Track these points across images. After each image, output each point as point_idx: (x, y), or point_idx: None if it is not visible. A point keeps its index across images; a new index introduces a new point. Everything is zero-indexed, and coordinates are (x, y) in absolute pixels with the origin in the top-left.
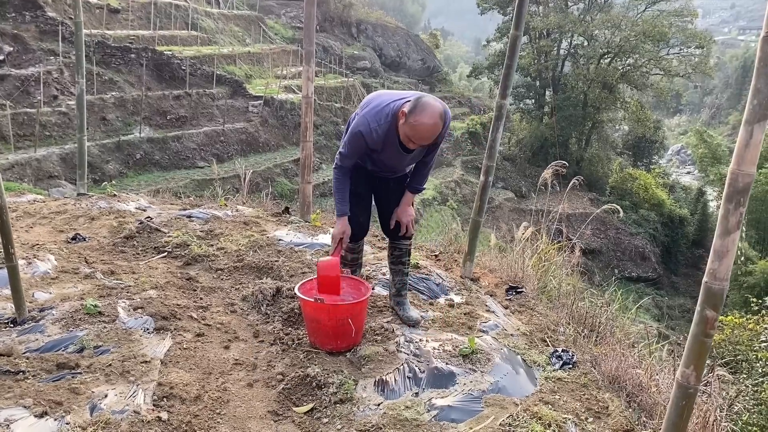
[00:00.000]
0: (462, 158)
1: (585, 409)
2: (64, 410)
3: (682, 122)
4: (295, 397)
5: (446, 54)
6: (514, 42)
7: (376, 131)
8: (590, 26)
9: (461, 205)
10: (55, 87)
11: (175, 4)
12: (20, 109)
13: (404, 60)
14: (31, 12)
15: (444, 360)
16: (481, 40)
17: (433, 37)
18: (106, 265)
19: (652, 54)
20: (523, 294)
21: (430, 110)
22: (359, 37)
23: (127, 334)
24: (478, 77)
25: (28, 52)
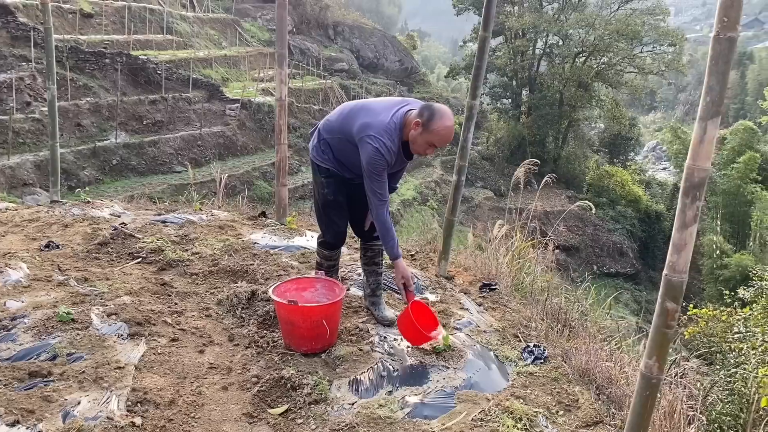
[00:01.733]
0: (441, 158)
1: (556, 403)
2: (36, 418)
3: (657, 119)
4: (270, 399)
5: (424, 55)
6: (482, 43)
7: (391, 149)
8: (565, 25)
9: (441, 205)
10: (27, 93)
11: (150, 8)
12: None
13: (382, 61)
14: (2, 18)
15: (418, 358)
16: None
17: (410, 38)
18: (79, 272)
19: (625, 52)
20: (496, 291)
21: (447, 114)
22: (336, 38)
23: (101, 341)
24: (456, 78)
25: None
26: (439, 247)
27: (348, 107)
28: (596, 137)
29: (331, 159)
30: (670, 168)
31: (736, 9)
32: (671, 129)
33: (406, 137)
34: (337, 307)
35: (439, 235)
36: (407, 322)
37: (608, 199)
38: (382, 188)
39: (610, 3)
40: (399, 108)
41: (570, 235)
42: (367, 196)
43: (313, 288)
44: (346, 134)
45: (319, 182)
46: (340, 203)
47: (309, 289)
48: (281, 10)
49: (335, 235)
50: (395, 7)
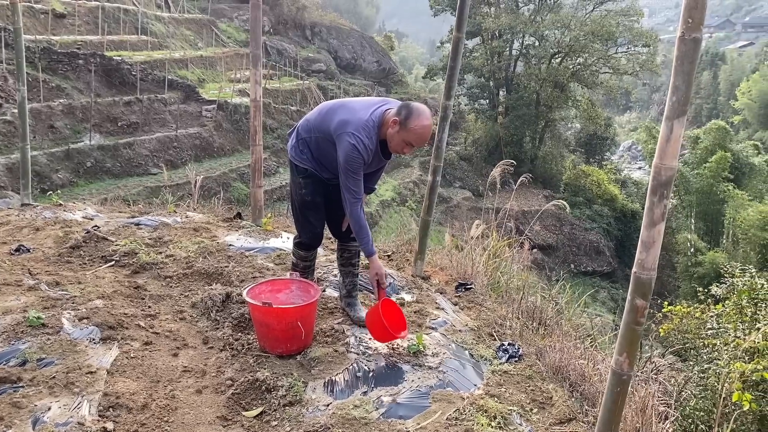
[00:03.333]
0: (420, 159)
1: (530, 400)
2: (5, 425)
3: (633, 119)
4: (244, 401)
5: (402, 56)
6: (456, 44)
7: (368, 147)
8: (541, 26)
9: (420, 206)
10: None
11: (124, 9)
12: None
13: (359, 62)
14: None
15: (393, 358)
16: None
17: (388, 39)
18: (51, 276)
19: (601, 53)
20: (472, 290)
21: (425, 112)
22: (314, 39)
23: (72, 345)
24: (434, 78)
25: None
26: (415, 248)
27: (327, 106)
28: (572, 137)
29: (309, 159)
30: (646, 167)
31: (700, 10)
32: (646, 128)
33: (383, 136)
34: (312, 309)
35: (415, 235)
36: (375, 318)
37: (585, 198)
38: (357, 186)
39: (585, 4)
40: (378, 107)
41: (547, 234)
42: (342, 194)
43: (288, 290)
44: (325, 132)
45: (297, 182)
46: (318, 204)
47: (284, 290)
48: (255, 10)
49: (312, 236)
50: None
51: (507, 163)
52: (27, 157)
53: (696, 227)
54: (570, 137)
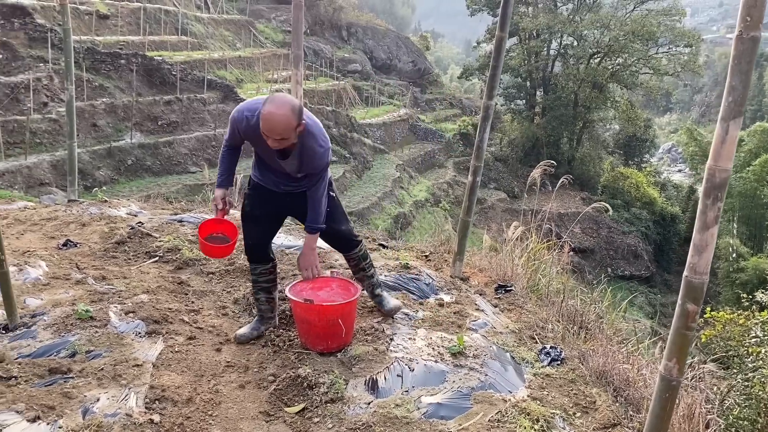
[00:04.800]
0: (454, 159)
1: (573, 404)
2: (56, 414)
3: (673, 120)
4: (286, 397)
5: (437, 56)
6: (499, 44)
7: (247, 119)
8: (579, 26)
9: (454, 206)
10: (44, 94)
11: (165, 10)
12: (10, 116)
13: (395, 62)
14: (20, 19)
15: (434, 358)
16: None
17: (424, 39)
18: (97, 271)
19: (641, 53)
20: (512, 292)
21: (279, 101)
22: (350, 40)
23: (119, 339)
24: (469, 78)
25: (17, 60)
26: (453, 248)
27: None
28: (611, 139)
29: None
30: (686, 170)
31: (760, 8)
32: (687, 131)
33: None
34: (352, 307)
35: (452, 236)
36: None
37: (623, 201)
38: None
39: (626, 4)
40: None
41: (584, 237)
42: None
43: (329, 287)
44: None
45: (244, 193)
46: (256, 217)
47: (324, 288)
48: (297, 11)
49: (247, 248)
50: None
51: (547, 163)
52: (74, 155)
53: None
54: (608, 139)
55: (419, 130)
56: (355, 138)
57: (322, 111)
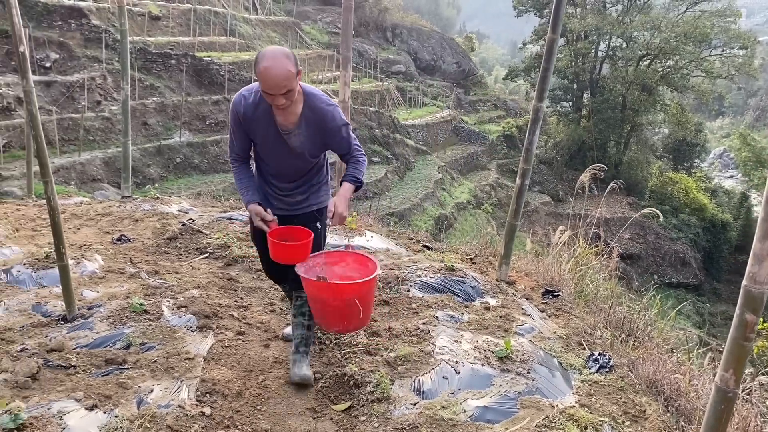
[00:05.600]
0: (497, 161)
1: (622, 413)
2: (112, 403)
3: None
4: (332, 395)
5: (482, 57)
6: (551, 45)
7: (245, 98)
8: (629, 28)
9: (496, 209)
10: (98, 93)
11: (214, 11)
12: (65, 114)
13: (439, 63)
14: (77, 20)
15: (480, 361)
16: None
17: (469, 40)
18: (150, 266)
19: (693, 55)
20: (559, 298)
21: (270, 53)
22: (394, 41)
23: (172, 332)
24: (514, 80)
25: (73, 59)
26: (498, 251)
27: None
28: (660, 143)
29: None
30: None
31: None
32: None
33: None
34: (370, 286)
35: (494, 239)
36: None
37: (671, 207)
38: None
39: (678, 4)
40: None
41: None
42: None
43: (344, 262)
44: None
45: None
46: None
47: (339, 263)
48: (347, 13)
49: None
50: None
51: (597, 167)
52: (128, 152)
53: None
54: (657, 143)
55: (462, 131)
56: (398, 139)
57: (366, 112)
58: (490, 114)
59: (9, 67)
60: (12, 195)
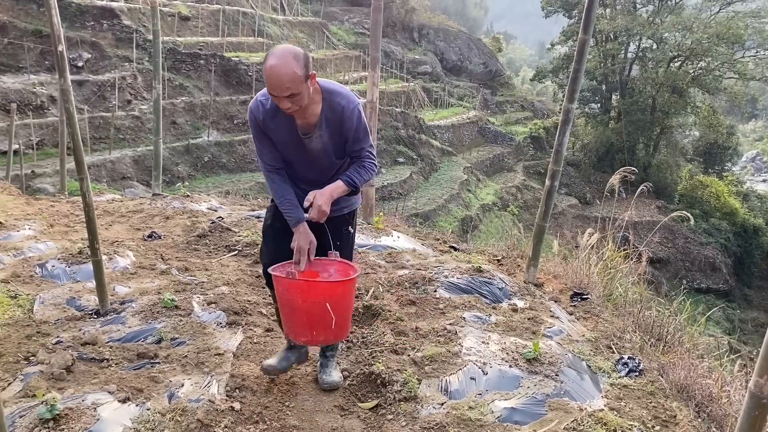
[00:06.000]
0: (524, 163)
1: (652, 417)
2: (144, 397)
3: (758, 128)
4: (360, 393)
5: (509, 57)
6: (582, 46)
7: (261, 104)
8: (660, 29)
9: (522, 211)
10: (129, 92)
11: (243, 12)
12: (96, 113)
13: (466, 64)
14: (108, 21)
15: (508, 363)
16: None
17: (496, 40)
18: (180, 262)
19: (726, 57)
20: (588, 300)
21: (278, 52)
22: (421, 41)
23: (202, 328)
24: (542, 81)
25: (105, 59)
26: (526, 253)
27: None
28: (690, 145)
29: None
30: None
31: None
32: None
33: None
34: (345, 290)
35: (520, 241)
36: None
37: (701, 211)
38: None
39: (710, 5)
40: None
41: (659, 247)
42: None
43: (326, 272)
44: None
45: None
46: (276, 231)
47: (323, 273)
48: (376, 14)
49: (264, 268)
50: (481, 9)
51: (627, 170)
52: (159, 150)
53: None
54: (687, 145)
55: (488, 132)
56: (423, 139)
57: (391, 112)
58: (516, 115)
59: (43, 66)
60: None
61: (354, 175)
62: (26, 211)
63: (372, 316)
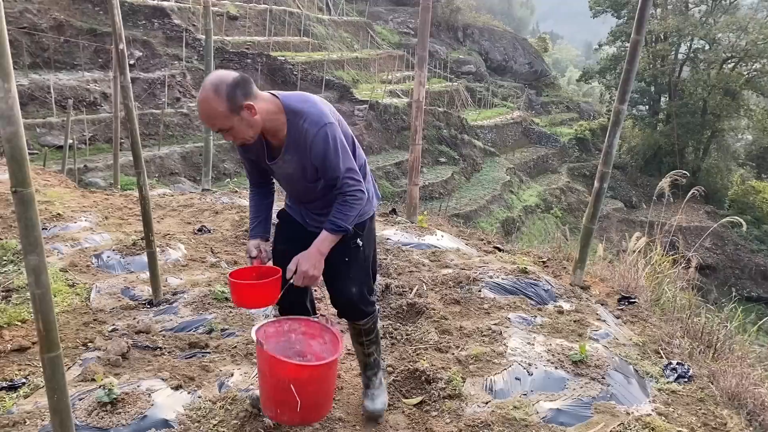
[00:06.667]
0: (569, 165)
1: (701, 424)
2: (196, 385)
3: None
4: (404, 389)
5: (555, 58)
6: (634, 46)
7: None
8: (713, 29)
9: (566, 214)
10: (177, 90)
11: (289, 12)
12: (147, 110)
13: (510, 64)
14: (159, 20)
15: (553, 364)
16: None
17: (542, 40)
18: (229, 256)
19: None
20: (635, 305)
21: (207, 80)
22: (465, 41)
23: (250, 320)
24: (588, 82)
25: (155, 57)
26: (571, 256)
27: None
28: (742, 149)
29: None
30: None
31: None
32: None
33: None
34: (316, 375)
35: (566, 244)
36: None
37: (753, 217)
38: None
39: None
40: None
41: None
42: None
43: (321, 339)
44: None
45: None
46: (281, 254)
47: (317, 338)
48: (425, 13)
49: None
50: (527, 9)
51: (678, 173)
52: (209, 147)
53: None
54: (739, 149)
55: (533, 133)
56: (466, 140)
57: (434, 112)
58: (562, 116)
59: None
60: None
61: (338, 217)
62: (82, 204)
63: (416, 314)
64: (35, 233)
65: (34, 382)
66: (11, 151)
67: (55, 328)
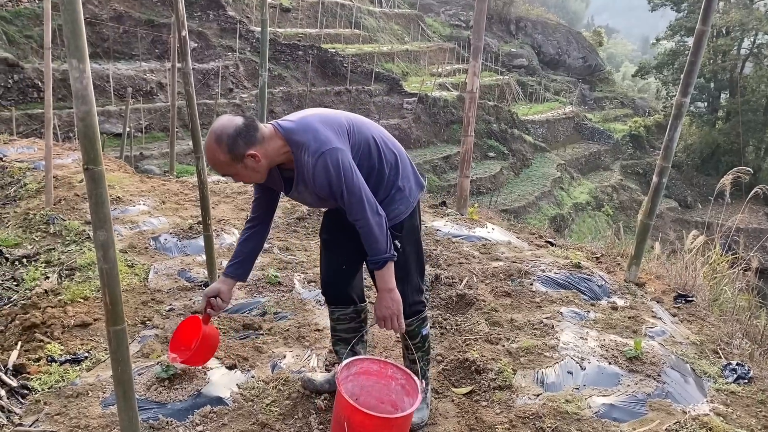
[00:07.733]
0: (621, 162)
1: (762, 427)
2: (249, 365)
3: None
4: (453, 378)
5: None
6: (700, 38)
7: None
8: None
9: (617, 212)
10: (231, 80)
11: (341, 4)
12: (200, 100)
13: (564, 58)
14: (214, 11)
15: (607, 360)
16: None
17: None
18: (281, 242)
19: None
20: (693, 303)
21: (212, 128)
22: (517, 34)
23: (302, 304)
24: (644, 77)
25: (210, 48)
26: (626, 252)
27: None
28: None
29: None
30: None
31: None
32: None
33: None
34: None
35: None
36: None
37: None
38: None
39: None
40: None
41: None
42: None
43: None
44: None
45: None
46: (326, 244)
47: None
48: (481, 3)
49: (321, 282)
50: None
51: (742, 170)
52: None
53: None
54: None
55: (585, 129)
56: (516, 134)
57: (484, 106)
58: (616, 112)
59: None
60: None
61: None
62: (140, 189)
63: (466, 305)
64: (104, 210)
65: (96, 356)
66: (84, 130)
67: (121, 302)
